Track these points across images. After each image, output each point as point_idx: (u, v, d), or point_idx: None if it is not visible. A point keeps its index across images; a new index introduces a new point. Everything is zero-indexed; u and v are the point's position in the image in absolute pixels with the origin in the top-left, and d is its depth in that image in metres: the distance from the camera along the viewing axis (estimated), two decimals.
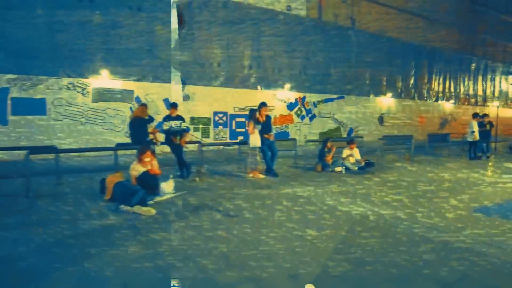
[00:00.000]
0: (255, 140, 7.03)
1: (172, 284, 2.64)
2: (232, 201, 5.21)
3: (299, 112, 16.08)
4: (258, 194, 5.72)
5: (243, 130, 13.26)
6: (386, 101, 18.69)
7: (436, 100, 21.70)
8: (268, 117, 7.60)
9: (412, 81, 20.10)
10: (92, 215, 4.48)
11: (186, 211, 4.64)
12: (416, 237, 3.69)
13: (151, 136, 7.00)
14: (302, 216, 4.43)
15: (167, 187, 5.56)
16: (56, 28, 10.69)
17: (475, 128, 11.24)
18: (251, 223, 4.11)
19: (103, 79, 11.64)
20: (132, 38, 12.09)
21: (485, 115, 12.23)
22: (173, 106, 7.37)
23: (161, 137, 7.30)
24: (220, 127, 13.98)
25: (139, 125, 6.26)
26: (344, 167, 8.11)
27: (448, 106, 22.31)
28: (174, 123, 7.21)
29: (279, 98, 15.39)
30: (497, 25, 24.69)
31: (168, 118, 7.29)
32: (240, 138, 12.35)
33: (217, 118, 13.87)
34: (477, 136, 11.23)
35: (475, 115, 11.59)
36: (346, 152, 8.48)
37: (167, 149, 7.60)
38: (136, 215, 4.47)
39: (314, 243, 3.48)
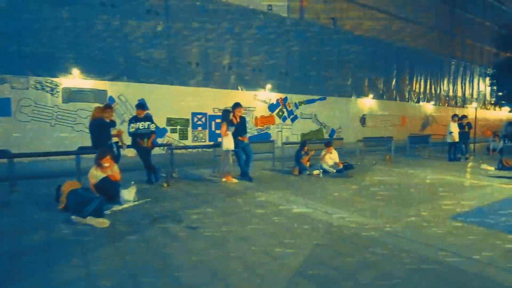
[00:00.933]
0: (228, 142, 6.68)
1: None
2: (198, 209, 4.84)
3: (280, 113, 15.82)
4: (228, 201, 5.37)
5: None
6: (368, 102, 18.67)
7: (418, 101, 21.88)
8: (242, 118, 7.27)
9: (393, 82, 20.18)
10: (37, 228, 4.04)
11: (143, 222, 4.24)
12: (390, 250, 3.42)
13: (115, 139, 6.55)
14: (270, 227, 4.11)
15: (128, 194, 5.14)
16: (22, 23, 10.06)
17: (453, 129, 11.23)
18: (212, 236, 3.75)
19: (74, 79, 11.05)
20: (105, 35, 11.53)
21: (464, 116, 12.25)
22: (140, 107, 6.93)
23: (127, 139, 6.86)
24: (199, 128, 13.55)
25: (99, 127, 5.80)
26: (321, 170, 7.85)
27: (429, 107, 22.55)
28: (141, 125, 6.79)
29: (260, 99, 15.09)
30: (474, 28, 25.22)
31: (134, 119, 6.85)
32: (221, 139, 11.99)
33: (195, 119, 13.44)
34: (455, 137, 11.21)
35: (453, 116, 11.59)
36: (324, 154, 8.24)
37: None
38: (88, 227, 4.05)
39: (277, 260, 3.15)
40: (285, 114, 15.98)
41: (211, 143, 11.90)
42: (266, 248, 3.40)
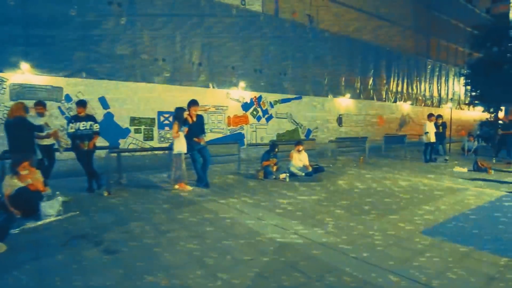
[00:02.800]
0: (179, 144, 5.90)
1: None
2: (129, 225, 4.05)
3: (255, 112, 15.14)
4: (171, 214, 4.60)
5: None
6: (345, 102, 18.28)
7: (395, 101, 21.74)
8: (200, 117, 6.52)
9: (370, 82, 19.90)
10: None
11: (53, 244, 3.43)
12: (348, 280, 2.77)
13: (46, 141, 5.67)
14: (209, 250, 3.38)
15: (50, 207, 4.30)
16: None
17: (428, 129, 10.84)
18: (130, 264, 2.99)
19: (24, 74, 9.96)
20: (61, 27, 10.47)
21: (439, 116, 11.92)
22: (81, 104, 6.06)
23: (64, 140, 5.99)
24: (166, 128, 12.64)
25: (20, 127, 4.90)
26: (288, 174, 7.19)
27: (406, 107, 22.48)
28: (82, 125, 5.92)
29: (233, 98, 14.35)
30: (449, 29, 25.50)
31: (74, 119, 5.98)
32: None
33: (162, 119, 12.54)
34: (431, 137, 10.83)
35: (429, 116, 11.21)
36: (292, 153, 7.61)
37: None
38: None
39: None
40: (260, 113, 15.31)
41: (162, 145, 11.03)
42: (191, 281, 2.68)
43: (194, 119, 6.29)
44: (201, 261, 3.05)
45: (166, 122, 12.61)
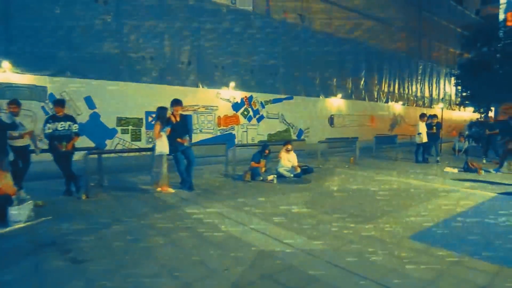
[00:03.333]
0: (161, 145, 5.68)
1: None
2: (103, 231, 3.82)
3: (245, 112, 14.92)
4: (148, 219, 4.36)
5: None
6: (337, 102, 18.18)
7: (386, 102, 21.73)
8: (184, 117, 6.30)
9: (362, 82, 19.85)
10: None
11: (18, 253, 3.19)
12: None
13: (20, 142, 5.39)
14: (182, 259, 3.17)
15: (19, 213, 4.05)
16: None
17: (421, 129, 10.72)
18: (93, 275, 2.76)
19: (5, 72, 9.62)
20: (44, 24, 10.14)
21: (434, 116, 11.72)
22: (59, 103, 5.80)
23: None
24: None
25: None
26: (276, 176, 7.00)
27: (397, 107, 22.49)
28: (60, 125, 5.66)
29: (223, 98, 14.13)
30: (440, 30, 25.68)
31: (52, 119, 5.71)
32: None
33: (150, 119, 12.26)
34: (424, 138, 10.70)
35: (422, 116, 11.07)
36: (281, 154, 7.42)
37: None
38: None
39: None
40: (251, 113, 15.11)
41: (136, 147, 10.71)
42: None
43: (178, 119, 6.08)
44: (175, 271, 2.84)
45: (154, 122, 12.35)
